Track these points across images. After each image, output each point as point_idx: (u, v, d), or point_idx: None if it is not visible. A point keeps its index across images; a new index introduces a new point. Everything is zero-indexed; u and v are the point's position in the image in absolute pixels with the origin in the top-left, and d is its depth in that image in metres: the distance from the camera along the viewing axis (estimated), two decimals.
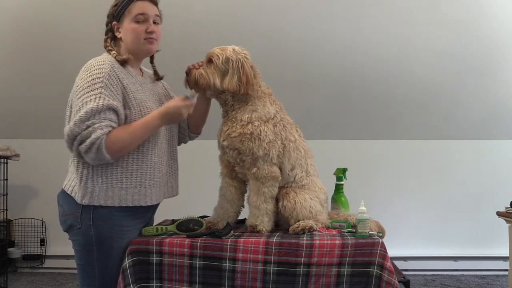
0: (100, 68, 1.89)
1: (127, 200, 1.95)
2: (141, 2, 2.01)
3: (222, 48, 2.09)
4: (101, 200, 1.92)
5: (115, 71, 1.92)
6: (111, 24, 2.04)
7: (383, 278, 1.88)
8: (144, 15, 2.00)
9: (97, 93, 1.84)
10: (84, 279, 1.99)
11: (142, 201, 1.99)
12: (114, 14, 2.02)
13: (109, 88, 1.87)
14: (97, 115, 1.82)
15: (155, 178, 2.02)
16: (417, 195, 4.70)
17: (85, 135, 1.81)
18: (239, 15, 3.99)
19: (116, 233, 1.96)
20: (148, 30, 2.00)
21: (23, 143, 4.61)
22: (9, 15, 4.08)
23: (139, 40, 2.00)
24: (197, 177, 4.03)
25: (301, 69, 4.31)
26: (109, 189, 1.92)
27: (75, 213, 1.93)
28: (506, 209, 3.34)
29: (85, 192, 1.91)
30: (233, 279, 1.91)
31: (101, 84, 1.86)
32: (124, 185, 1.94)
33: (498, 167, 4.69)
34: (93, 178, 1.92)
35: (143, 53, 2.06)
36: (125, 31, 2.01)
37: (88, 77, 1.88)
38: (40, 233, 4.77)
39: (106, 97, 1.85)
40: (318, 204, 2.15)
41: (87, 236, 1.93)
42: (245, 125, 2.06)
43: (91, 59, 1.96)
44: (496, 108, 4.52)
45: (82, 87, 1.87)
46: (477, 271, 4.56)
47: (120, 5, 2.01)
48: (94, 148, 1.81)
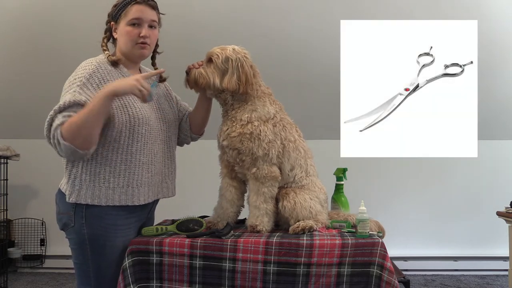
0: (84, 68, 1.93)
1: (114, 199, 1.95)
2: (138, 5, 2.00)
3: (222, 48, 2.09)
4: (88, 198, 1.92)
5: (100, 71, 1.94)
6: (109, 24, 2.05)
7: (383, 278, 1.88)
8: (139, 19, 1.99)
9: (74, 89, 1.87)
10: (81, 278, 2.00)
11: (129, 200, 1.99)
12: (113, 14, 2.03)
13: (85, 86, 1.88)
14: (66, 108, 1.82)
15: (143, 178, 2.01)
16: (417, 195, 4.70)
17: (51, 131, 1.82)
18: (239, 15, 3.99)
19: (109, 231, 1.96)
20: (141, 34, 2.00)
21: (23, 143, 4.61)
22: (9, 15, 4.09)
23: (131, 43, 2.01)
24: (197, 177, 4.03)
25: (301, 69, 4.31)
26: (96, 188, 1.93)
27: (69, 212, 1.95)
28: (506, 209, 3.34)
29: (72, 190, 1.93)
30: (233, 279, 1.91)
31: (79, 83, 1.88)
32: (111, 184, 1.94)
33: (498, 167, 4.69)
34: (81, 177, 1.93)
35: (135, 57, 2.06)
36: (120, 33, 2.02)
37: (71, 77, 1.93)
38: (40, 233, 4.77)
39: (77, 94, 1.85)
40: (318, 204, 2.15)
41: (80, 235, 1.94)
42: (244, 125, 2.05)
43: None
44: (496, 108, 4.52)
45: (66, 85, 1.92)
46: (477, 271, 4.56)
47: (118, 6, 2.02)
48: (55, 139, 1.80)
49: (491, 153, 4.71)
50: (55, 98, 1.95)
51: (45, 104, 4.36)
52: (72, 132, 1.79)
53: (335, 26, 4.06)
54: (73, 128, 1.79)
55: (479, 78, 4.35)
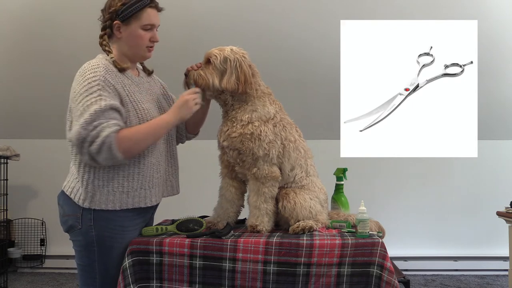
0: (94, 72, 1.88)
1: (127, 203, 1.96)
2: (152, 10, 1.99)
3: (220, 49, 2.09)
4: (102, 204, 1.92)
5: (109, 74, 1.91)
6: (111, 21, 1.98)
7: (383, 278, 1.88)
8: (153, 25, 2.00)
9: (96, 95, 1.84)
10: (85, 279, 1.99)
11: (142, 202, 2.00)
12: (119, 12, 1.96)
13: (106, 90, 1.87)
14: (102, 116, 1.82)
15: (153, 180, 2.02)
16: (417, 195, 4.70)
17: (94, 135, 1.80)
18: (239, 16, 3.99)
19: (117, 233, 1.96)
20: (152, 39, 2.01)
21: (23, 143, 4.61)
22: (9, 15, 4.08)
23: (141, 47, 2.01)
24: (197, 177, 4.03)
25: (301, 69, 4.31)
26: (110, 194, 1.93)
27: (75, 214, 1.94)
28: (506, 209, 3.34)
29: (86, 196, 1.92)
30: (233, 279, 1.91)
31: (98, 87, 1.85)
32: (125, 188, 1.95)
33: (498, 167, 4.69)
34: (93, 182, 1.92)
35: (139, 58, 2.08)
36: (129, 35, 1.99)
37: (84, 82, 1.87)
38: (40, 233, 4.77)
39: (106, 98, 1.85)
40: (318, 204, 2.15)
41: (88, 237, 1.93)
42: (245, 125, 2.06)
43: (85, 62, 1.94)
44: (496, 108, 4.52)
45: (79, 92, 1.86)
46: (477, 271, 4.55)
47: (130, 7, 1.95)
48: (105, 147, 1.80)
49: (491, 153, 4.70)
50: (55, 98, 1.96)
51: (45, 104, 4.43)
52: (129, 146, 1.85)
53: (335, 26, 4.06)
54: (132, 143, 1.86)
55: (479, 78, 4.35)
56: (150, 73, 2.19)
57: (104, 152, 1.80)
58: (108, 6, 1.99)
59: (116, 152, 1.82)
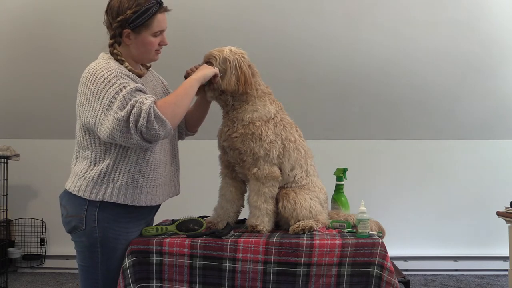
0: (107, 68, 1.85)
1: (140, 199, 1.95)
2: (161, 15, 1.96)
3: (219, 50, 2.09)
4: (114, 197, 1.90)
5: (121, 69, 1.90)
6: (121, 29, 1.93)
7: (383, 278, 1.88)
8: (162, 31, 1.99)
9: (118, 84, 1.82)
10: (87, 280, 1.98)
11: (153, 200, 2.00)
12: (129, 21, 1.91)
13: (125, 79, 1.85)
14: (133, 96, 1.80)
15: (162, 178, 2.03)
16: (417, 195, 4.70)
17: (136, 112, 1.77)
18: (239, 16, 3.99)
19: (120, 234, 1.96)
20: (162, 43, 2.01)
21: (23, 143, 4.61)
22: (9, 15, 4.08)
23: (151, 51, 2.00)
24: (197, 177, 4.03)
25: (301, 69, 4.31)
26: (122, 187, 1.91)
27: (79, 215, 1.92)
28: (506, 209, 3.34)
29: (100, 188, 1.90)
30: (233, 279, 1.92)
31: (117, 78, 1.83)
32: (139, 184, 1.94)
33: (498, 167, 4.69)
34: (110, 175, 1.90)
35: (147, 61, 2.08)
36: (140, 42, 1.96)
37: (100, 79, 1.83)
38: (40, 233, 4.77)
39: (130, 83, 1.83)
40: (318, 204, 2.15)
41: (91, 238, 1.93)
42: (246, 125, 2.06)
43: (91, 63, 1.90)
44: (496, 108, 4.52)
45: (99, 89, 1.82)
46: (477, 271, 4.56)
47: (140, 15, 1.91)
48: (152, 117, 1.77)
49: (491, 153, 4.71)
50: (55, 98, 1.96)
51: (45, 104, 4.43)
52: (172, 109, 1.84)
53: (335, 26, 4.06)
54: (173, 106, 1.85)
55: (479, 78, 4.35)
56: (148, 68, 2.18)
57: (153, 123, 1.77)
58: (116, 13, 1.93)
59: (164, 119, 1.80)
